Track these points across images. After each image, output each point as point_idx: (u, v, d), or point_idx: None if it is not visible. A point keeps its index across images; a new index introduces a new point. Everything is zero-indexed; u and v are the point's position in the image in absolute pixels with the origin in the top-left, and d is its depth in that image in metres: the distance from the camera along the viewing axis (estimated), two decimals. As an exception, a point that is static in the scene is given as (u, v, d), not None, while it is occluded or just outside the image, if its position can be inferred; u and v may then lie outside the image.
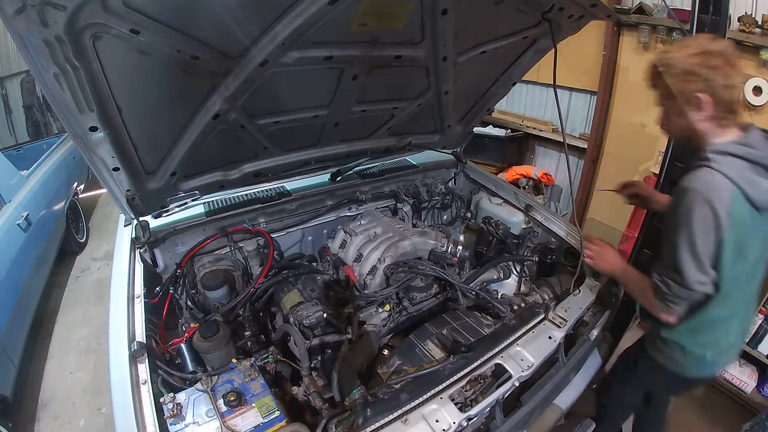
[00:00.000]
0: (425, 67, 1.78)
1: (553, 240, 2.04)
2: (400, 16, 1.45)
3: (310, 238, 2.28)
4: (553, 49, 1.78)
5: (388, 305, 1.69)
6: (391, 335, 1.77)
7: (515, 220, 2.20)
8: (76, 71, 1.10)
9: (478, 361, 1.38)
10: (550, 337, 1.52)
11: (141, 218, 1.69)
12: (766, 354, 2.66)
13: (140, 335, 1.35)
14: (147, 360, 1.28)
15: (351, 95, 1.76)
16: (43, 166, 4.18)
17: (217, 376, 1.30)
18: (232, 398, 1.20)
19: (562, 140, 1.74)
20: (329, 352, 1.54)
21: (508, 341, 1.47)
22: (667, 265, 1.31)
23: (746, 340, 2.65)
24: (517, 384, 1.36)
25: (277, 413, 1.19)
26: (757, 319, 2.62)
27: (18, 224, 3.20)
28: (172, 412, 1.16)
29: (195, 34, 1.19)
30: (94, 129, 1.27)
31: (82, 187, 4.96)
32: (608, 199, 2.22)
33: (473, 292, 1.75)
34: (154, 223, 1.80)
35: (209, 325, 1.41)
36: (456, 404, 1.25)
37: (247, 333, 1.57)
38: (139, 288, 1.53)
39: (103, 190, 1.72)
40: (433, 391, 1.27)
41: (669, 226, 1.31)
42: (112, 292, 1.51)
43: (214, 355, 1.39)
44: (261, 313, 1.76)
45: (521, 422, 1.45)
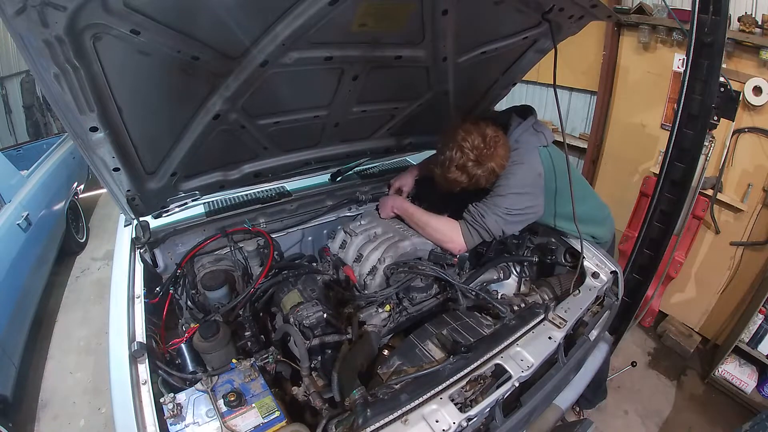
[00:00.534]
0: (425, 67, 1.78)
1: (553, 240, 2.04)
2: (400, 17, 1.45)
3: (310, 239, 2.28)
4: (554, 50, 1.78)
5: (388, 305, 1.69)
6: (391, 335, 1.77)
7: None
8: (76, 71, 1.10)
9: (478, 362, 1.38)
10: (549, 338, 1.52)
11: (141, 218, 1.69)
12: (766, 354, 2.66)
13: (140, 335, 1.35)
14: (147, 360, 1.28)
15: (351, 96, 1.76)
16: (43, 166, 4.19)
17: (217, 377, 1.30)
18: (232, 398, 1.20)
19: (562, 140, 1.74)
20: (329, 352, 1.54)
21: (508, 341, 1.47)
22: (489, 204, 1.74)
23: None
24: (517, 384, 1.36)
25: (277, 413, 1.19)
26: (757, 319, 2.63)
27: (18, 224, 3.21)
28: (172, 412, 1.16)
29: (195, 35, 1.19)
30: (94, 129, 1.27)
31: (82, 187, 4.97)
32: (608, 199, 2.22)
33: (473, 293, 1.75)
34: (154, 223, 1.80)
35: (209, 325, 1.41)
36: (456, 404, 1.25)
37: (247, 333, 1.57)
38: (139, 288, 1.53)
39: (103, 190, 1.72)
40: (433, 392, 1.27)
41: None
42: (112, 292, 1.51)
43: (214, 355, 1.39)
44: (261, 314, 1.76)
45: (521, 422, 1.45)
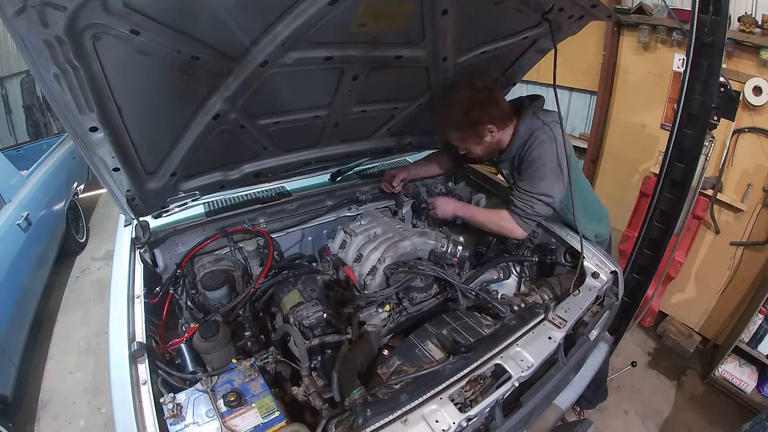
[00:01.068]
0: (425, 67, 1.78)
1: (553, 240, 2.04)
2: (400, 17, 1.45)
3: (310, 239, 2.28)
4: (554, 50, 1.78)
5: (388, 305, 1.69)
6: (391, 335, 1.77)
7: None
8: (76, 71, 1.10)
9: (478, 362, 1.38)
10: (549, 338, 1.51)
11: (141, 218, 1.69)
12: (766, 354, 2.66)
13: (140, 335, 1.35)
14: (147, 360, 1.28)
15: (351, 96, 1.76)
16: (43, 166, 4.19)
17: (217, 377, 1.30)
18: (232, 398, 1.20)
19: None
20: (329, 352, 1.54)
21: (508, 341, 1.47)
22: (536, 192, 1.74)
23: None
24: (517, 384, 1.36)
25: (277, 413, 1.19)
26: (757, 319, 2.63)
27: (18, 224, 3.21)
28: (172, 412, 1.16)
29: (195, 35, 1.19)
30: (94, 129, 1.27)
31: (82, 187, 4.97)
32: (608, 199, 2.22)
33: (473, 293, 1.75)
34: (154, 223, 1.80)
35: (209, 325, 1.41)
36: (456, 404, 1.25)
37: (247, 333, 1.57)
38: (139, 288, 1.53)
39: (103, 190, 1.72)
40: (432, 392, 1.27)
41: (533, 169, 1.75)
42: (112, 292, 1.51)
43: (214, 355, 1.39)
44: (261, 314, 1.76)
45: (521, 422, 1.45)
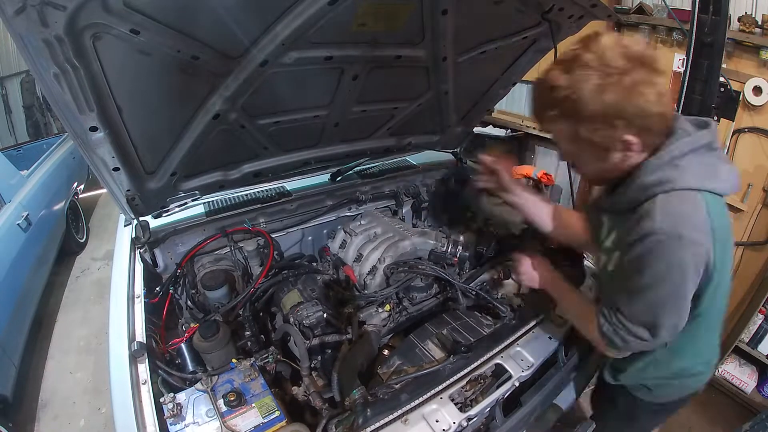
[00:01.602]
0: (425, 67, 1.78)
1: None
2: (400, 17, 1.45)
3: (310, 238, 2.28)
4: (554, 50, 1.78)
5: (388, 305, 1.69)
6: (391, 335, 1.77)
7: (515, 220, 2.20)
8: (76, 71, 1.10)
9: (478, 361, 1.38)
10: (550, 337, 1.52)
11: (141, 218, 1.69)
12: (766, 354, 2.66)
13: (140, 335, 1.35)
14: (147, 360, 1.28)
15: (351, 95, 1.76)
16: (43, 166, 4.19)
17: (217, 376, 1.30)
18: (232, 398, 1.20)
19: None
20: (329, 352, 1.54)
21: (508, 341, 1.47)
22: (634, 320, 1.06)
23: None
24: (517, 384, 1.36)
25: (277, 413, 1.18)
26: (757, 319, 2.63)
27: (18, 224, 3.21)
28: (172, 412, 1.16)
29: (195, 35, 1.19)
30: (94, 129, 1.27)
31: (82, 187, 4.97)
32: (608, 199, 2.21)
33: (473, 292, 1.75)
34: (154, 223, 1.80)
35: (209, 325, 1.41)
36: (456, 404, 1.25)
37: (247, 333, 1.57)
38: (139, 288, 1.53)
39: (103, 190, 1.72)
40: (433, 391, 1.27)
41: (633, 279, 1.03)
42: (112, 292, 1.52)
43: (214, 355, 1.39)
44: (261, 313, 1.76)
45: (521, 422, 1.45)
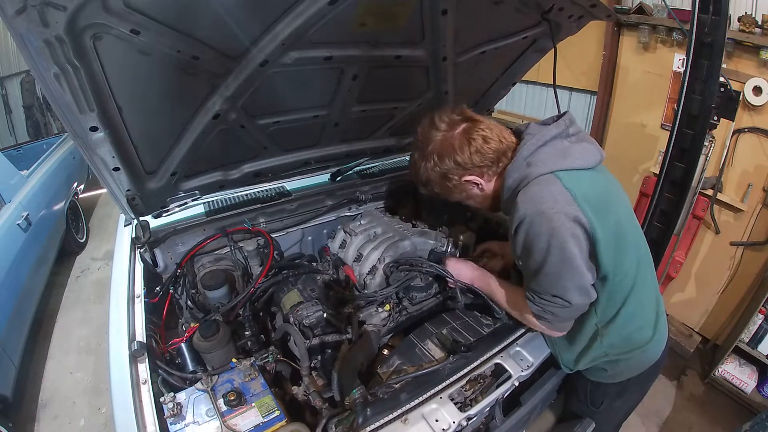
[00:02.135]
0: (425, 67, 1.78)
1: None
2: (400, 17, 1.45)
3: (310, 238, 2.28)
4: (553, 49, 1.78)
5: (388, 305, 1.69)
6: (391, 335, 1.77)
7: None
8: (76, 71, 1.10)
9: (478, 361, 1.38)
10: (549, 337, 1.52)
11: (141, 218, 1.69)
12: (766, 354, 2.66)
13: (140, 335, 1.35)
14: (147, 360, 1.28)
15: (351, 95, 1.76)
16: (43, 166, 4.19)
17: (217, 376, 1.30)
18: (232, 398, 1.20)
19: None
20: (329, 351, 1.54)
21: (508, 341, 1.47)
22: (547, 295, 1.21)
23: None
24: (517, 384, 1.36)
25: (277, 413, 1.19)
26: (757, 319, 2.63)
27: (18, 224, 3.21)
28: (172, 411, 1.16)
29: (195, 35, 1.19)
30: (94, 129, 1.27)
31: (82, 187, 4.97)
32: (608, 199, 2.21)
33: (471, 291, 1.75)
34: (154, 223, 1.80)
35: (209, 324, 1.41)
36: (456, 404, 1.25)
37: (247, 333, 1.57)
38: (139, 288, 1.53)
39: (103, 190, 1.72)
40: (432, 391, 1.27)
41: (529, 262, 1.21)
42: (112, 292, 1.51)
43: (214, 354, 1.39)
44: (261, 313, 1.76)
45: (521, 422, 1.45)
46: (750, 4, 2.63)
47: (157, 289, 1.65)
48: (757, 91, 2.61)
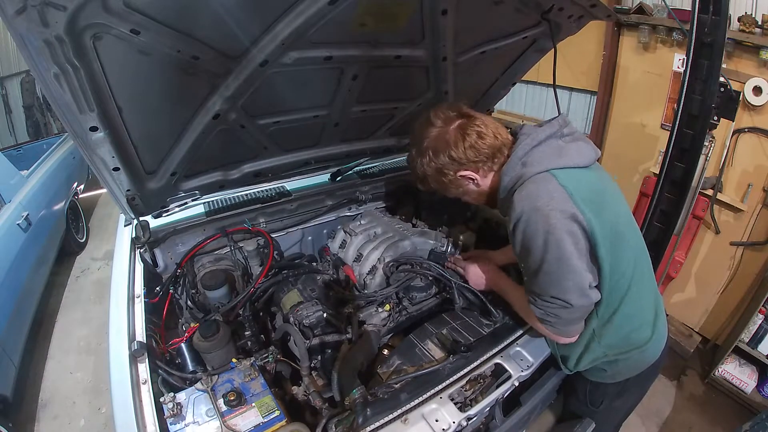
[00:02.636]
0: (425, 67, 1.78)
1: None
2: (400, 17, 1.46)
3: (310, 238, 2.28)
4: (553, 49, 1.78)
5: (388, 305, 1.69)
6: (391, 335, 1.77)
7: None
8: (76, 71, 1.10)
9: (478, 361, 1.39)
10: (549, 337, 1.51)
11: (141, 218, 1.69)
12: (766, 354, 2.66)
13: (140, 335, 1.35)
14: (147, 360, 1.28)
15: (351, 95, 1.76)
16: (43, 166, 4.19)
17: (217, 376, 1.30)
18: (232, 398, 1.20)
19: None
20: (329, 351, 1.54)
21: (508, 341, 1.47)
22: (547, 297, 1.20)
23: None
24: (517, 384, 1.36)
25: (277, 413, 1.19)
26: (757, 319, 2.63)
27: (18, 224, 3.21)
28: (172, 411, 1.16)
29: (195, 35, 1.19)
30: (94, 129, 1.27)
31: (82, 187, 4.97)
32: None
33: (470, 292, 1.75)
34: (154, 223, 1.80)
35: (209, 324, 1.42)
36: (456, 404, 1.25)
37: (247, 333, 1.57)
38: (139, 288, 1.53)
39: (103, 190, 1.72)
40: (432, 391, 1.27)
41: (528, 262, 1.20)
42: (112, 292, 1.51)
43: (214, 354, 1.39)
44: (261, 313, 1.76)
45: (521, 422, 1.45)
46: (750, 4, 2.63)
47: (157, 289, 1.65)
48: (757, 91, 2.61)
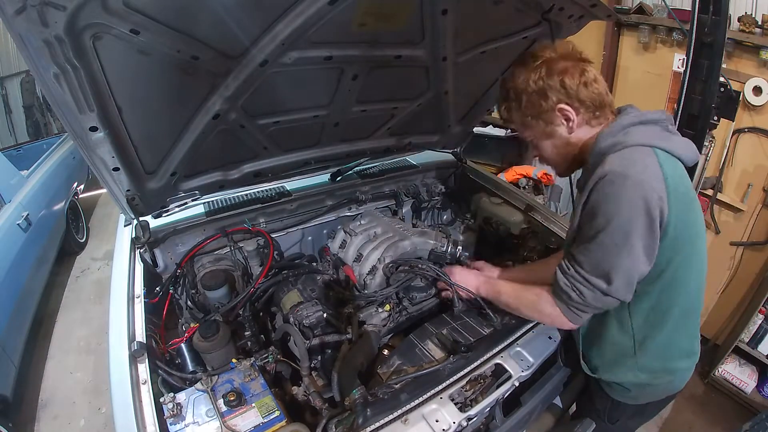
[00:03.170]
0: (425, 67, 1.78)
1: (553, 240, 2.04)
2: (400, 16, 1.45)
3: (310, 238, 2.28)
4: (553, 49, 1.77)
5: (388, 305, 1.69)
6: (391, 335, 1.77)
7: (515, 220, 2.20)
8: (76, 71, 1.10)
9: (478, 361, 1.38)
10: (550, 337, 1.51)
11: (141, 218, 1.69)
12: (766, 354, 2.66)
13: (140, 335, 1.35)
14: (147, 360, 1.28)
15: (351, 95, 1.76)
16: (43, 166, 4.19)
17: (217, 376, 1.30)
18: (232, 398, 1.20)
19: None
20: (329, 352, 1.54)
21: (508, 341, 1.47)
22: (588, 269, 1.11)
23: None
24: (517, 384, 1.36)
25: (277, 413, 1.19)
26: (757, 319, 2.63)
27: (18, 224, 3.21)
28: (172, 412, 1.16)
29: (195, 35, 1.19)
30: (94, 129, 1.27)
31: (82, 187, 4.97)
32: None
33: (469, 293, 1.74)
34: (154, 223, 1.80)
35: (209, 325, 1.41)
36: (456, 404, 1.25)
37: (247, 333, 1.57)
38: (139, 288, 1.53)
39: (103, 190, 1.72)
40: (433, 391, 1.27)
41: (590, 225, 1.10)
42: (112, 292, 1.51)
43: (214, 355, 1.39)
44: (261, 313, 1.76)
45: (521, 422, 1.45)
46: (750, 4, 2.63)
47: (157, 289, 1.65)
48: (757, 91, 2.61)
